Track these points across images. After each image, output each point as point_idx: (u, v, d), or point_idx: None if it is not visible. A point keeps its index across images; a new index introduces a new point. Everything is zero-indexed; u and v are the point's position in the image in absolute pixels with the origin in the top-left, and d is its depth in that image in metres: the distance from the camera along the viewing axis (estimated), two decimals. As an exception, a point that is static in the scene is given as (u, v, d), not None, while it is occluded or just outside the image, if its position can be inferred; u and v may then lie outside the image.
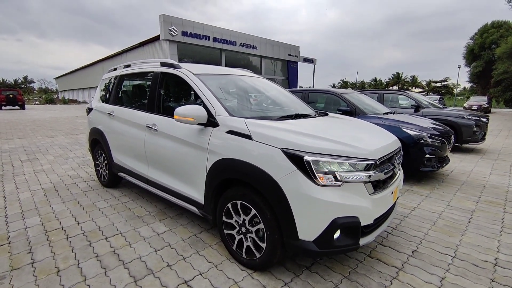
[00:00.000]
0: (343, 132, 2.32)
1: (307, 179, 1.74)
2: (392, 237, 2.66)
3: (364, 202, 1.83)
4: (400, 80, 61.61)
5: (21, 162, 5.32)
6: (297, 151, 1.79)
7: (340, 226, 1.75)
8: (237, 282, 1.98)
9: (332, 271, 2.12)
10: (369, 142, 2.08)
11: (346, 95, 5.11)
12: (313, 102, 5.65)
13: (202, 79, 2.60)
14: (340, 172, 1.76)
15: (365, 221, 1.85)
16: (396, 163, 2.19)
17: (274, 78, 32.77)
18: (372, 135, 2.36)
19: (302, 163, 1.75)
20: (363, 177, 1.81)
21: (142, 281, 1.99)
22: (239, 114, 2.33)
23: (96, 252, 2.34)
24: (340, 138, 2.00)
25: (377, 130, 2.58)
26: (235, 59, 30.30)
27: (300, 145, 1.81)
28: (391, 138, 2.40)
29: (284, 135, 1.92)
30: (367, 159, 1.86)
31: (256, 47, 30.21)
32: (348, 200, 1.77)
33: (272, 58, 32.59)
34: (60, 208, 3.23)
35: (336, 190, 1.76)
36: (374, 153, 1.93)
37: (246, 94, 2.98)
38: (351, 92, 5.51)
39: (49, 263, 2.18)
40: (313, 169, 1.73)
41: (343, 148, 1.85)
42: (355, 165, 1.82)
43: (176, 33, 23.87)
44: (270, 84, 3.45)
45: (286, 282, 1.99)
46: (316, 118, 2.72)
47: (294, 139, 1.86)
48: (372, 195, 1.89)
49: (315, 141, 1.87)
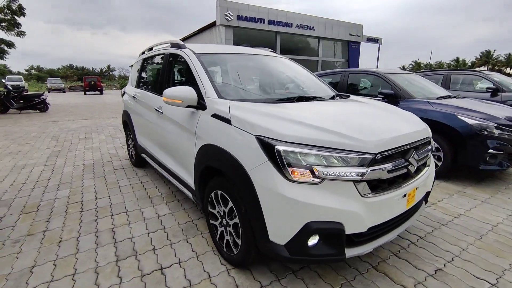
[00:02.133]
0: (348, 118, 1.90)
1: (277, 173, 1.46)
2: (414, 248, 2.18)
3: (352, 206, 1.47)
4: (490, 60, 51.65)
5: (78, 140, 6.06)
6: (270, 139, 1.52)
7: (316, 232, 1.45)
8: (211, 277, 1.85)
9: (322, 280, 1.82)
10: (374, 131, 1.65)
11: (392, 76, 4.36)
12: (354, 84, 5.01)
13: (202, 59, 2.44)
14: (320, 166, 1.43)
15: (354, 228, 1.49)
16: (414, 158, 1.72)
17: (334, 61, 30.79)
18: (386, 123, 1.88)
19: (273, 153, 1.48)
20: (351, 175, 1.44)
21: (123, 261, 2.01)
22: (231, 96, 2.12)
23: (98, 228, 2.47)
24: (335, 125, 1.63)
25: (399, 117, 2.07)
26: (291, 42, 29.29)
27: (275, 132, 1.53)
28: (413, 126, 1.89)
29: (262, 120, 1.65)
30: (360, 152, 1.48)
31: (313, 28, 28.62)
32: (328, 202, 1.44)
33: (330, 39, 30.53)
34: (89, 183, 3.54)
35: (313, 188, 1.44)
36: (374, 145, 1.52)
37: (253, 74, 2.72)
38: (400, 73, 4.69)
39: (57, 233, 2.38)
40: (283, 161, 1.44)
41: (329, 138, 1.50)
42: (343, 159, 1.46)
43: (232, 17, 24.05)
44: (287, 64, 3.10)
45: (262, 285, 1.78)
46: (326, 102, 2.33)
47: (271, 125, 1.58)
48: (366, 198, 1.51)
49: (295, 128, 1.56)
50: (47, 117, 9.86)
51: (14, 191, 3.28)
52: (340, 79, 5.06)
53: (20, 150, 5.17)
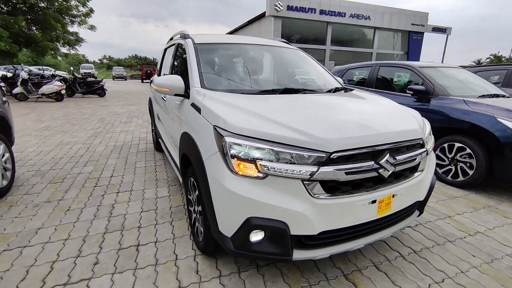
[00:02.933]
0: (320, 113, 1.75)
1: (224, 165, 1.44)
2: (401, 262, 1.96)
3: (299, 206, 1.38)
4: None
5: (119, 123, 6.71)
6: (222, 129, 1.50)
7: (258, 228, 1.40)
8: (177, 260, 1.93)
9: (282, 279, 1.76)
10: (339, 128, 1.51)
11: (426, 70, 3.87)
12: (386, 79, 4.57)
13: (199, 48, 2.49)
14: (264, 161, 1.36)
15: (301, 230, 1.41)
16: (388, 161, 1.52)
17: (391, 53, 28.39)
18: (362, 120, 1.68)
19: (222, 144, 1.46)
20: (299, 173, 1.35)
21: (109, 234, 2.21)
22: (214, 86, 2.13)
23: (101, 202, 2.74)
24: (297, 120, 1.54)
25: (384, 115, 1.87)
26: (343, 33, 27.78)
27: (228, 123, 1.50)
28: (395, 126, 1.67)
29: (225, 111, 1.63)
30: (313, 150, 1.37)
31: (369, 18, 26.70)
32: (271, 199, 1.37)
33: (388, 29, 28.13)
34: (111, 162, 3.92)
35: (257, 183, 1.39)
36: (330, 143, 1.40)
37: (248, 65, 2.67)
38: (439, 66, 4.13)
39: (68, 203, 2.71)
40: (228, 152, 1.41)
41: (282, 133, 1.42)
42: (293, 155, 1.37)
43: (281, 8, 23.68)
44: (293, 56, 2.98)
45: (221, 275, 1.80)
46: (312, 95, 2.21)
47: (228, 116, 1.56)
48: (318, 199, 1.40)
49: (250, 120, 1.51)
50: (102, 102, 11.09)
51: (51, 163, 3.80)
52: (369, 74, 4.66)
53: (70, 129, 5.93)
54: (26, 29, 12.33)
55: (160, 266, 1.87)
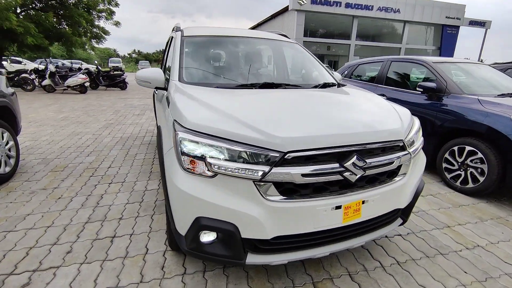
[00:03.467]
0: (285, 110, 1.64)
1: (176, 161, 1.39)
2: (380, 273, 1.81)
3: (249, 208, 1.29)
4: None
5: (132, 116, 6.90)
6: (177, 123, 1.45)
7: (207, 228, 1.34)
8: (147, 254, 1.92)
9: (246, 283, 1.69)
10: (299, 127, 1.40)
11: (440, 66, 3.55)
12: (398, 76, 4.27)
13: (185, 41, 2.45)
14: (214, 159, 1.29)
15: (252, 234, 1.33)
16: (356, 164, 1.39)
17: (422, 49, 26.84)
18: (330, 118, 1.58)
19: None
20: (249, 173, 1.27)
21: (90, 224, 2.26)
22: (190, 80, 2.08)
23: (92, 192, 2.81)
24: (258, 117, 1.46)
25: (361, 112, 1.74)
26: (370, 27, 26.67)
27: (184, 117, 1.45)
28: (370, 125, 1.52)
29: (186, 105, 1.59)
30: (266, 149, 1.28)
31: (398, 11, 25.36)
32: (220, 199, 1.30)
33: (419, 23, 26.59)
34: (113, 153, 4.02)
35: (206, 182, 1.32)
36: (285, 142, 1.29)
37: (234, 58, 2.59)
38: (456, 62, 3.78)
39: (61, 191, 2.81)
40: (179, 148, 1.35)
41: (236, 130, 1.33)
42: (244, 154, 1.29)
43: (305, 1, 23.12)
44: (287, 49, 2.85)
45: (185, 273, 1.76)
46: (290, 90, 2.11)
47: (186, 111, 1.50)
48: (271, 202, 1.31)
49: (206, 115, 1.46)
50: (121, 94, 11.50)
51: (58, 153, 3.98)
52: (379, 70, 4.38)
53: (85, 120, 6.20)
54: (57, 25, 13.03)
55: (129, 259, 1.87)
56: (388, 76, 4.22)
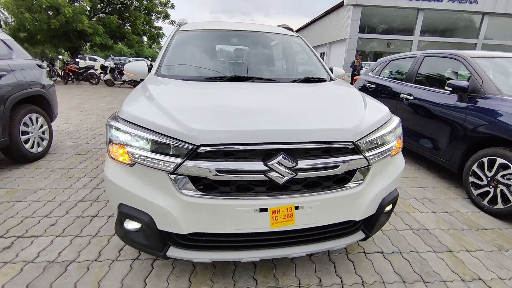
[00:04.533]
0: (227, 103, 1.57)
1: (108, 147, 1.43)
2: (336, 290, 1.61)
3: (162, 200, 1.27)
4: None
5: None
6: (118, 111, 1.50)
7: (126, 216, 1.36)
8: (113, 235, 2.04)
9: (188, 277, 1.68)
10: (222, 119, 1.35)
11: (478, 61, 2.97)
12: (431, 73, 3.71)
13: (177, 35, 2.52)
14: (131, 148, 1.30)
15: (168, 227, 1.30)
16: (282, 164, 1.24)
17: (505, 44, 22.98)
18: (269, 112, 1.47)
19: None
20: (162, 165, 1.24)
21: (82, 203, 2.48)
22: (167, 73, 2.13)
23: (98, 175, 3.09)
24: (188, 109, 1.44)
25: (317, 110, 1.56)
26: (438, 20, 23.88)
27: (121, 107, 1.50)
28: (311, 123, 1.37)
29: (134, 95, 1.67)
30: (179, 141, 1.24)
31: (476, 1, 22.12)
32: (137, 189, 1.31)
33: (503, 14, 22.86)
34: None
35: (126, 170, 1.35)
36: (199, 134, 1.24)
37: (224, 52, 2.55)
38: (503, 56, 3.12)
39: (75, 171, 3.15)
40: (106, 135, 1.39)
41: (159, 122, 1.32)
42: (160, 145, 1.27)
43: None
44: (288, 42, 2.72)
45: (136, 258, 1.82)
46: (258, 83, 2.03)
47: (128, 100, 1.59)
48: (186, 197, 1.26)
49: (140, 106, 1.50)
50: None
51: (89, 138, 4.47)
52: (410, 66, 3.86)
53: (126, 111, 6.83)
54: (120, 26, 14.62)
55: (96, 238, 2.01)
56: (419, 73, 3.70)
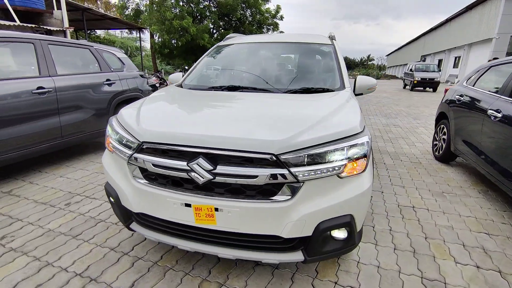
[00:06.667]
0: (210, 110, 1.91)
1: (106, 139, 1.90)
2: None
3: (122, 182, 1.64)
4: None
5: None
6: None
7: (107, 192, 1.79)
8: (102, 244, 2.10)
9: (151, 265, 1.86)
10: (170, 123, 1.65)
11: None
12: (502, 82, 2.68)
13: (215, 49, 2.93)
14: (112, 140, 1.71)
15: (125, 203, 1.65)
16: (201, 167, 1.38)
17: None
18: (222, 120, 1.67)
19: None
20: (122, 154, 1.60)
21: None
22: (189, 83, 2.54)
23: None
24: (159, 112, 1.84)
25: (269, 121, 1.61)
26: None
27: (121, 109, 1.94)
28: (242, 133, 1.45)
29: (141, 101, 2.08)
30: (132, 136, 1.57)
31: None
32: (112, 170, 1.73)
33: None
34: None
35: (111, 157, 1.79)
36: (143, 133, 1.53)
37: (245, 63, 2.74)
38: None
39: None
40: (108, 127, 1.83)
41: (130, 121, 1.69)
42: (123, 139, 1.62)
43: (523, -19, 16.74)
44: (311, 52, 2.70)
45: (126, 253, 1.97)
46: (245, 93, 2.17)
47: (129, 105, 2.01)
48: (134, 182, 1.57)
49: (132, 109, 1.86)
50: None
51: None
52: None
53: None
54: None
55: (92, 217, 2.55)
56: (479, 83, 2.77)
